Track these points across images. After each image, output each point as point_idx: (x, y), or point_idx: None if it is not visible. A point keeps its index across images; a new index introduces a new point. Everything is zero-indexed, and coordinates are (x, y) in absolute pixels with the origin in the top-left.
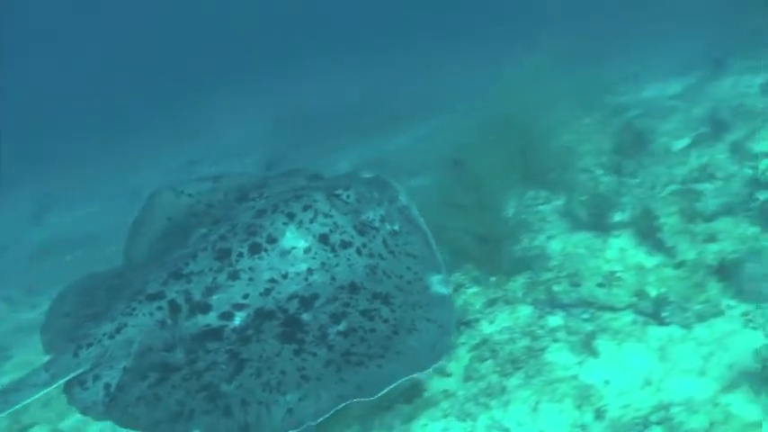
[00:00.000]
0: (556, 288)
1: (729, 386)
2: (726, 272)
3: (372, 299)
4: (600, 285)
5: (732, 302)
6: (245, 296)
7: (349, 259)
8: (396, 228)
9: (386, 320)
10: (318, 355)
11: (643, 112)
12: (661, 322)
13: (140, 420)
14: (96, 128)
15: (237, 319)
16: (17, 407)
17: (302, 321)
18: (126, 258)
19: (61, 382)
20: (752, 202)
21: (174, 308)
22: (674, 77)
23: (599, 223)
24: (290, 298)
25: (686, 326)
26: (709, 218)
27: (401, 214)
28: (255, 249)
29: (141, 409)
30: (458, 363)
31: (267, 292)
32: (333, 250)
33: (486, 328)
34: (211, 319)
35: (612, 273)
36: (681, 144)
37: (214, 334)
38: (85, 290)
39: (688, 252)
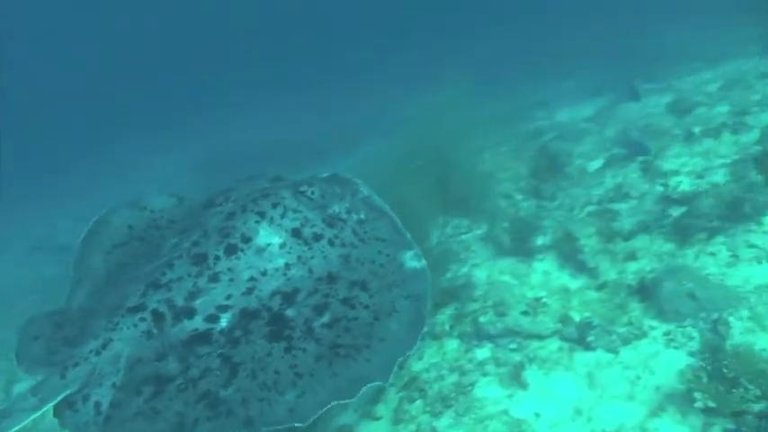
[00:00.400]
0: (482, 319)
1: (657, 409)
2: (645, 292)
3: (351, 287)
4: (524, 313)
5: (654, 323)
6: (228, 297)
7: (323, 251)
8: (362, 216)
9: (366, 306)
10: (308, 350)
11: (558, 136)
12: (587, 347)
13: None
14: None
15: (224, 321)
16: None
17: (287, 317)
18: (77, 268)
19: (50, 405)
20: (665, 218)
21: (158, 317)
22: (585, 101)
23: (522, 248)
24: (273, 294)
25: (612, 350)
26: (627, 236)
27: (365, 204)
28: (231, 250)
29: (140, 424)
30: (386, 405)
31: (249, 291)
32: (306, 243)
33: (414, 365)
34: (198, 323)
35: (537, 299)
36: (595, 165)
37: (203, 338)
38: (56, 311)
39: (609, 272)
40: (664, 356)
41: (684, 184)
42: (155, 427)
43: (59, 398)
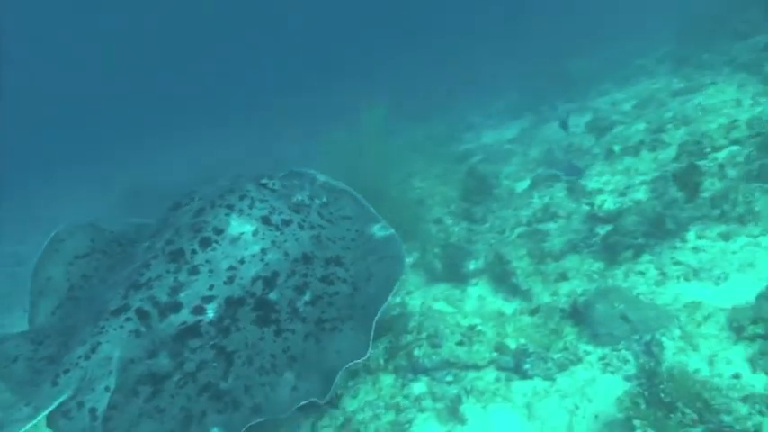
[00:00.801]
0: (417, 352)
1: None
2: (578, 315)
3: (326, 264)
4: (460, 343)
5: (589, 347)
6: (211, 287)
7: (294, 234)
8: (324, 200)
9: (344, 280)
10: (297, 330)
11: (485, 158)
12: (524, 376)
13: None
14: None
15: (210, 312)
16: None
17: (271, 301)
18: (36, 280)
19: (44, 413)
20: (593, 237)
21: (143, 315)
22: (508, 123)
23: (455, 273)
24: (254, 280)
25: (549, 377)
26: (557, 257)
27: (324, 188)
28: (206, 243)
29: (146, 424)
30: None
31: (230, 279)
32: (278, 228)
33: (348, 404)
34: (185, 316)
35: (472, 327)
36: (523, 186)
37: (192, 331)
38: (30, 329)
39: (542, 294)
40: (601, 382)
41: (609, 203)
42: (163, 426)
43: (53, 405)
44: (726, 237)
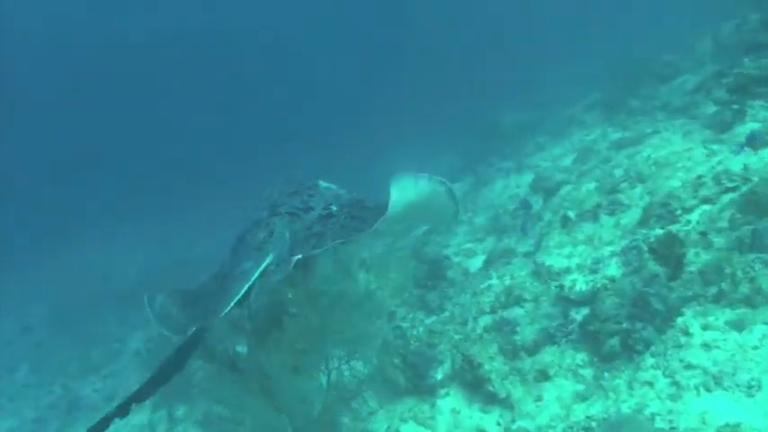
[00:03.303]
0: None
1: None
2: None
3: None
4: None
5: None
6: (327, 203)
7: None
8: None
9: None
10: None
11: (430, 230)
12: None
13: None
14: None
15: (334, 207)
16: (253, 279)
17: (363, 200)
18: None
19: (264, 264)
20: (569, 323)
21: (291, 214)
22: None
23: (421, 385)
24: (351, 199)
25: None
26: (532, 350)
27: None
28: (309, 190)
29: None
30: None
31: (337, 199)
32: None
33: None
34: (319, 211)
35: None
36: (477, 263)
37: (327, 216)
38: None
39: (524, 400)
40: None
41: (580, 282)
42: (340, 235)
43: (264, 263)
44: (738, 326)
